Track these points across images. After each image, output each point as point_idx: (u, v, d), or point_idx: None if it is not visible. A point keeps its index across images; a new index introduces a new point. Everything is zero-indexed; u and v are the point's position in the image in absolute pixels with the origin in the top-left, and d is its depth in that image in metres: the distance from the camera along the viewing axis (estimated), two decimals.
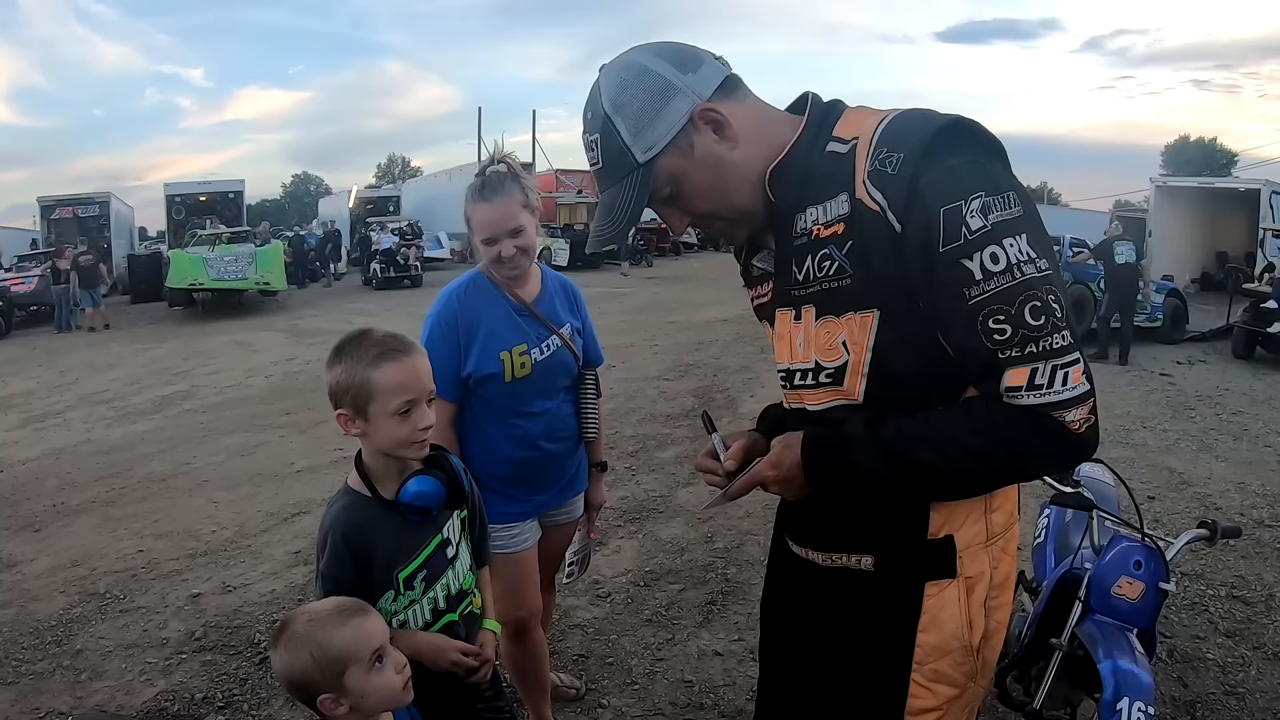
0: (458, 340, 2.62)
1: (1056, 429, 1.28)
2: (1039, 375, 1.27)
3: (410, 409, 1.83)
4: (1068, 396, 1.27)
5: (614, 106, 1.42)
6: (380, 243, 25.49)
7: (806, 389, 1.53)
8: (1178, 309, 14.04)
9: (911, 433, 1.37)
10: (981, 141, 1.36)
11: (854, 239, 1.38)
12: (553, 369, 2.74)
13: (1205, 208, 21.54)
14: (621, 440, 7.19)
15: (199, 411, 9.55)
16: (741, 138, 1.44)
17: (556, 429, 2.79)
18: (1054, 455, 1.32)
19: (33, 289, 20.10)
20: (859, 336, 1.41)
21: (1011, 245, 1.27)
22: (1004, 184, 1.31)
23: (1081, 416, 1.28)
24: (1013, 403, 1.29)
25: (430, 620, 1.96)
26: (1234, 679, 3.56)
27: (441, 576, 1.98)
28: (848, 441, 1.43)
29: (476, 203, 2.59)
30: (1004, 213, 1.28)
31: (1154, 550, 2.60)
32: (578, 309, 2.91)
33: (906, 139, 1.33)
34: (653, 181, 1.44)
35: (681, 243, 33.78)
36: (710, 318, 15.22)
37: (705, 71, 1.44)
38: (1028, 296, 1.26)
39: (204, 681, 3.71)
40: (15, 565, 5.23)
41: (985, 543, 1.48)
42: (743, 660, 3.70)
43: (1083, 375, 1.28)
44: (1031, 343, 1.26)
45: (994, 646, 1.53)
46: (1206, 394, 9.42)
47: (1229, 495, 5.95)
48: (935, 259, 1.30)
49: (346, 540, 1.84)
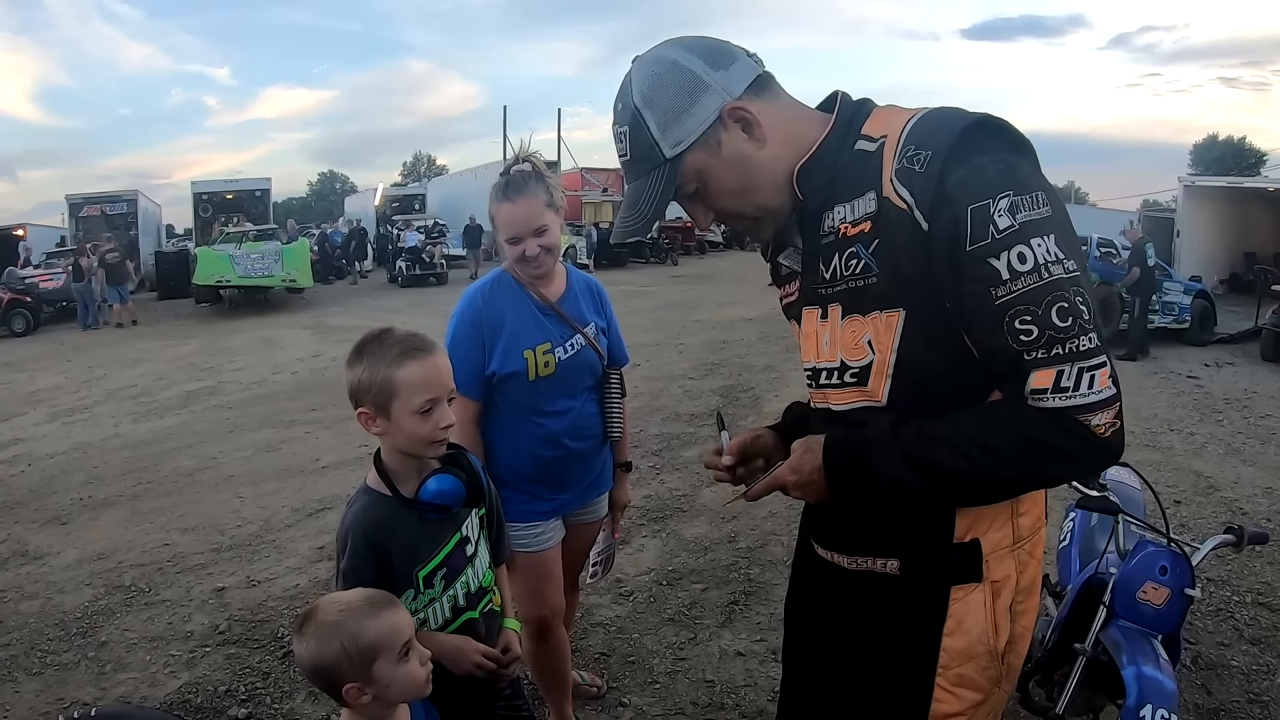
0: (482, 339, 2.62)
1: (1082, 432, 1.27)
2: (1065, 377, 1.26)
3: (432, 408, 1.84)
4: (1094, 400, 1.26)
5: (644, 100, 1.43)
6: (405, 240, 25.60)
7: (831, 388, 1.53)
8: (1205, 310, 13.89)
9: (933, 434, 1.36)
10: (1010, 140, 1.35)
11: (881, 237, 1.38)
12: (577, 368, 2.73)
13: (1234, 208, 21.27)
14: (646, 439, 7.19)
15: (225, 407, 9.63)
16: (770, 137, 1.44)
17: (580, 428, 2.77)
18: (1078, 459, 1.30)
19: (60, 285, 20.33)
20: (884, 336, 1.41)
21: (1039, 245, 1.26)
22: (1032, 183, 1.30)
23: (1107, 420, 1.27)
24: (1038, 405, 1.28)
25: (450, 618, 1.97)
26: (1259, 687, 3.51)
27: (461, 574, 1.98)
28: (869, 444, 1.42)
29: (500, 202, 2.58)
30: (1032, 212, 1.27)
31: (1180, 555, 2.57)
32: (603, 308, 2.90)
33: (934, 136, 1.33)
34: (679, 177, 1.45)
35: (706, 241, 33.73)
36: (735, 316, 15.19)
37: (737, 69, 1.44)
38: (1055, 297, 1.25)
39: (227, 675, 3.74)
40: (42, 558, 5.29)
41: (1012, 546, 1.47)
42: (765, 661, 3.69)
43: (1109, 379, 1.27)
44: (1058, 344, 1.25)
45: (1019, 652, 1.51)
46: (1234, 397, 9.31)
47: (1256, 500, 5.87)
48: (962, 257, 1.29)
49: (368, 539, 1.85)
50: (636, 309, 15.99)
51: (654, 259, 29.06)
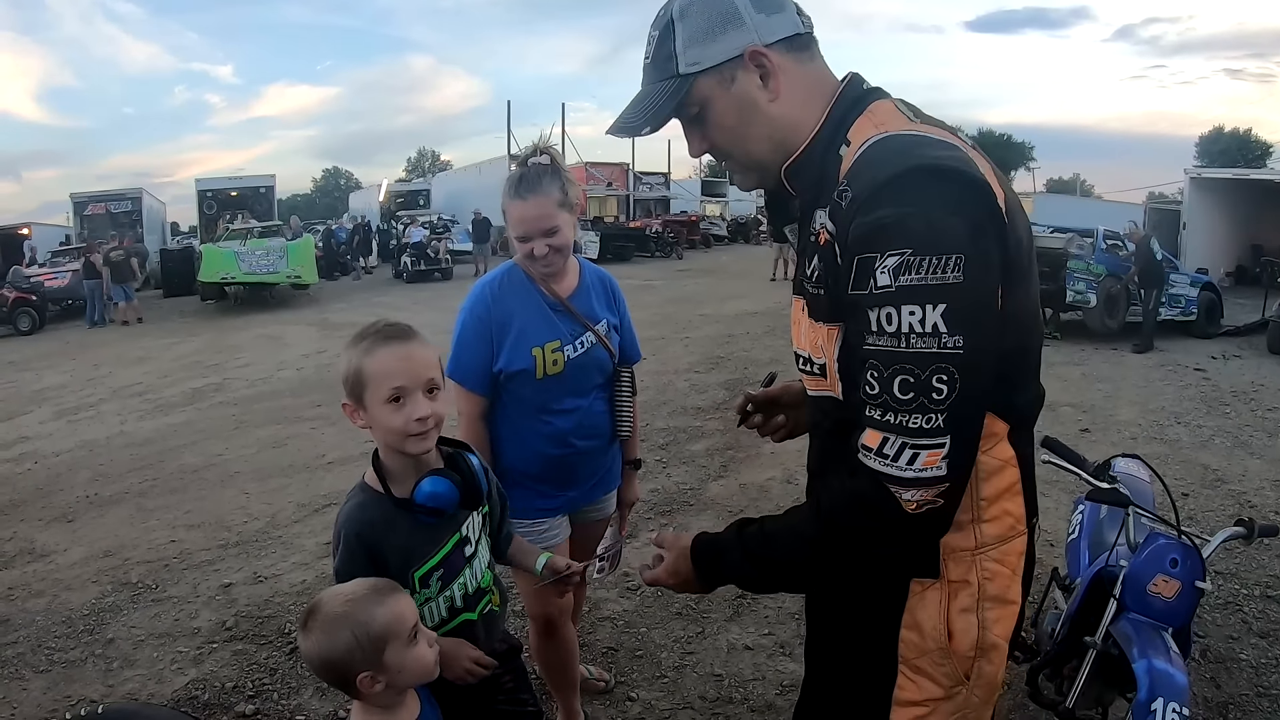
0: (490, 335, 2.58)
1: (886, 501, 1.29)
2: (889, 445, 1.27)
3: (403, 397, 1.76)
4: (909, 476, 1.26)
5: (680, 13, 1.45)
6: (410, 236, 25.61)
7: (807, 375, 1.56)
8: (1212, 303, 13.85)
9: (770, 530, 1.48)
10: (948, 192, 1.27)
11: (824, 258, 1.41)
12: (586, 366, 2.69)
13: (1240, 200, 21.22)
14: (652, 433, 7.19)
15: (230, 404, 9.64)
16: (784, 94, 1.45)
17: (588, 427, 2.73)
18: (882, 516, 1.31)
19: (65, 284, 20.42)
20: (828, 345, 1.44)
21: (913, 314, 1.23)
22: (948, 245, 1.22)
23: (921, 498, 1.27)
24: (862, 459, 1.31)
25: (446, 618, 1.92)
26: (1268, 680, 3.50)
27: (459, 575, 1.92)
28: (721, 548, 1.56)
29: (513, 199, 2.52)
30: (925, 277, 1.22)
31: (1191, 548, 2.56)
32: (616, 304, 2.86)
33: (864, 176, 1.31)
34: (686, 96, 1.47)
35: (711, 235, 33.77)
36: (740, 310, 15.19)
37: (779, 19, 1.45)
38: (903, 369, 1.24)
39: (234, 671, 3.74)
40: (49, 555, 5.30)
41: (973, 550, 1.44)
42: (772, 655, 3.69)
43: (941, 460, 1.26)
44: (891, 412, 1.26)
45: (993, 659, 1.48)
46: (1241, 389, 9.27)
47: (1264, 493, 5.86)
48: (844, 298, 1.32)
49: (360, 538, 1.81)
50: (642, 303, 15.94)
51: (659, 253, 29.06)
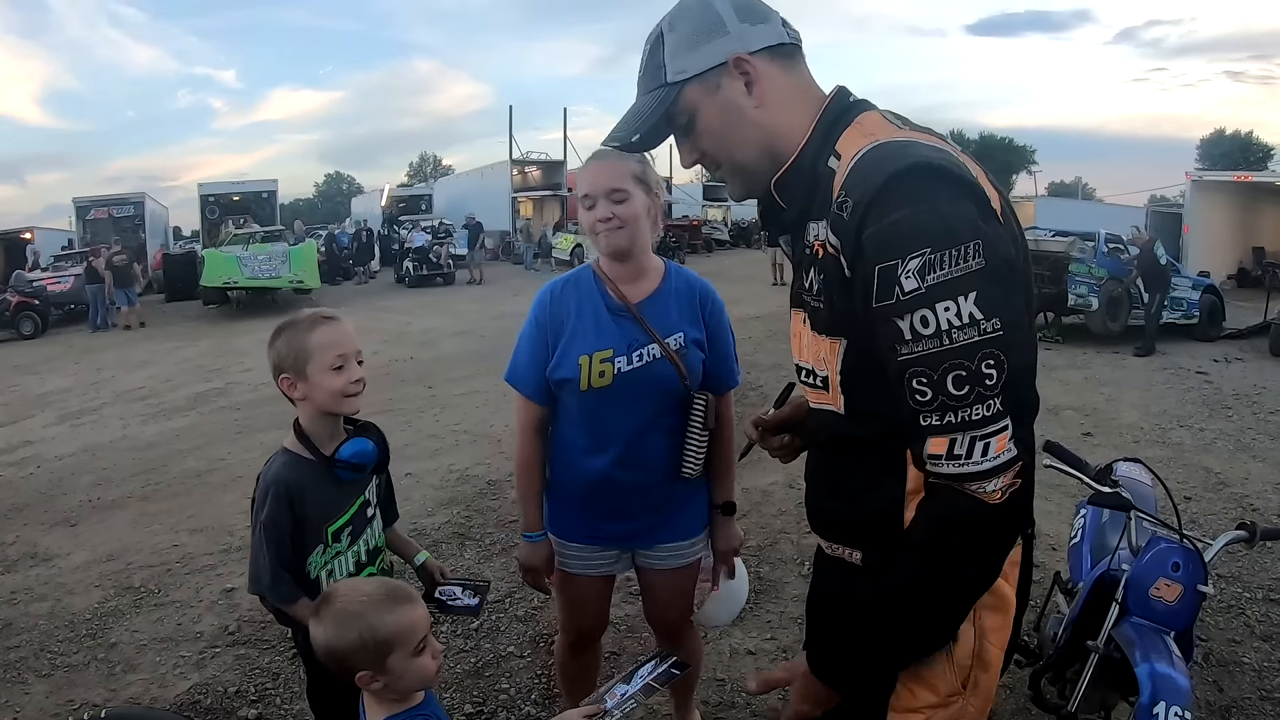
0: (546, 339, 2.38)
1: (971, 504, 1.28)
2: (958, 445, 1.26)
3: (343, 364, 2.11)
4: (987, 467, 1.26)
5: (669, 24, 1.51)
6: (412, 241, 25.61)
7: (808, 387, 1.57)
8: (1214, 306, 13.86)
9: (877, 597, 1.39)
10: (948, 185, 1.29)
11: (825, 270, 1.41)
12: (640, 382, 2.34)
13: (1242, 203, 21.24)
14: None
15: (233, 408, 9.65)
16: (768, 101, 1.48)
17: (636, 457, 2.38)
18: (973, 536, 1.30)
19: (68, 288, 20.41)
20: (831, 359, 1.45)
21: (948, 309, 1.23)
22: (963, 233, 1.24)
23: (1003, 484, 1.27)
24: (935, 470, 1.29)
25: (353, 571, 2.21)
26: (1270, 684, 3.50)
27: (363, 533, 2.24)
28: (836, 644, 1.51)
29: (588, 164, 2.35)
30: (951, 270, 1.23)
31: (1193, 552, 2.56)
32: (703, 318, 2.48)
33: (863, 183, 1.31)
34: (675, 105, 1.51)
35: (713, 239, 33.72)
36: (742, 315, 15.10)
37: (764, 29, 1.49)
38: (953, 365, 1.24)
39: (237, 675, 3.75)
40: (51, 559, 5.31)
41: None
42: (775, 659, 3.69)
43: (1010, 441, 1.26)
44: (951, 412, 1.25)
45: (988, 667, 1.49)
46: (1244, 392, 9.27)
47: (1266, 496, 5.86)
48: (871, 312, 1.30)
49: (287, 493, 2.07)
50: None
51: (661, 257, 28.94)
